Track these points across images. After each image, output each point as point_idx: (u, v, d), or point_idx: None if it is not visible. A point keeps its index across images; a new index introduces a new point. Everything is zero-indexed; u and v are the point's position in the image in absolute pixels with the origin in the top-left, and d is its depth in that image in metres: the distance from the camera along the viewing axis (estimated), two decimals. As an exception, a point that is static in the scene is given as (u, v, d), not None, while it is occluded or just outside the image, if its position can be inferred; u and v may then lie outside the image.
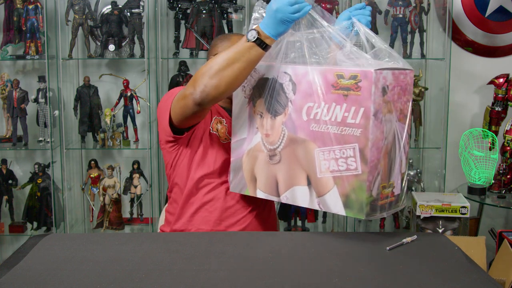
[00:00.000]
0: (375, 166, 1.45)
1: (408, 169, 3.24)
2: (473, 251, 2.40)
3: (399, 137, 1.52)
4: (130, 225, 3.31)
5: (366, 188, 1.44)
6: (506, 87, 3.06)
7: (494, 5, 3.27)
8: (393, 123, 1.49)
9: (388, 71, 1.45)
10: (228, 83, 1.55)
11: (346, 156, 1.47)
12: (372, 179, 1.45)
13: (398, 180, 1.55)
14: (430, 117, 3.33)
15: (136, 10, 3.10)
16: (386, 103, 1.45)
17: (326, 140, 1.51)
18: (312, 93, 1.52)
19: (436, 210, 2.62)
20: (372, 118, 1.42)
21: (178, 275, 1.29)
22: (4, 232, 3.25)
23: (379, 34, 3.20)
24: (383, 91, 1.44)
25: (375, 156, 1.45)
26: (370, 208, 1.46)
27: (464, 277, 1.30)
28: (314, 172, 1.54)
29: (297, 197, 1.59)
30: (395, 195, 1.54)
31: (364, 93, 1.42)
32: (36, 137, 3.24)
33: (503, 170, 3.03)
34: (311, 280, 1.27)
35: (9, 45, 3.17)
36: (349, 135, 1.46)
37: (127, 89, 3.14)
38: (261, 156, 1.66)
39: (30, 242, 1.51)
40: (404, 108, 1.53)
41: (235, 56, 1.54)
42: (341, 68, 1.48)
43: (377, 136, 1.44)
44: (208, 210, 1.81)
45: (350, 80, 1.45)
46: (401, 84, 1.49)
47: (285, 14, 1.48)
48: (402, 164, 1.55)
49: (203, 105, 1.60)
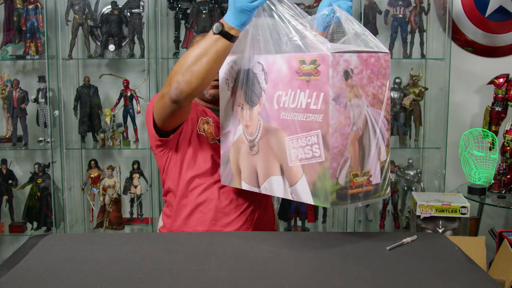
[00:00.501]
0: (339, 153, 1.41)
1: (408, 169, 3.25)
2: (473, 251, 2.40)
3: (373, 123, 1.46)
4: (130, 225, 3.31)
5: (330, 176, 1.40)
6: (506, 87, 3.06)
7: (494, 5, 3.27)
8: (363, 108, 1.43)
9: (352, 54, 1.40)
10: (199, 78, 1.54)
11: (311, 143, 1.44)
12: (336, 166, 1.41)
13: (376, 169, 1.49)
14: (430, 117, 3.33)
15: (136, 10, 3.10)
16: (351, 87, 1.40)
17: (294, 128, 1.48)
18: (281, 81, 1.50)
19: (436, 210, 2.62)
20: (331, 102, 1.38)
21: (178, 275, 1.29)
22: (4, 232, 3.25)
23: (379, 34, 3.20)
24: (346, 75, 1.39)
25: (339, 143, 1.40)
26: (337, 196, 1.42)
27: (464, 277, 1.30)
28: (285, 161, 1.51)
29: (274, 187, 1.57)
30: (372, 184, 1.49)
31: (323, 78, 1.38)
32: (36, 137, 3.24)
33: (503, 170, 3.03)
34: (311, 280, 1.27)
35: (9, 45, 3.18)
36: (312, 122, 1.43)
37: (127, 89, 3.15)
38: (244, 148, 1.64)
39: (30, 242, 1.51)
40: (378, 93, 1.47)
41: (203, 50, 1.53)
42: (303, 53, 1.44)
43: (340, 121, 1.40)
44: (202, 211, 1.81)
45: (310, 65, 1.41)
46: (371, 68, 1.44)
47: (243, 3, 1.46)
48: (381, 152, 1.49)
49: (179, 103, 1.59)
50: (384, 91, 1.48)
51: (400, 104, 3.18)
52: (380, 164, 1.50)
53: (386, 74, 1.48)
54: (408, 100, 3.15)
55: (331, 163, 1.40)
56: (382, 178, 1.51)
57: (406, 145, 3.25)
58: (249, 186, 1.65)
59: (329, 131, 1.39)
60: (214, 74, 1.59)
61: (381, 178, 1.51)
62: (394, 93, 3.18)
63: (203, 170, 1.81)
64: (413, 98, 3.16)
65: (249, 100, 1.60)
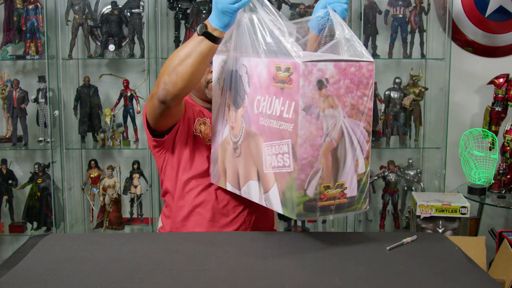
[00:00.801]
0: (308, 164, 1.37)
1: (408, 169, 3.25)
2: (473, 251, 2.40)
3: (350, 134, 1.42)
4: (130, 225, 3.31)
5: (297, 187, 1.37)
6: (506, 87, 3.06)
7: (494, 5, 3.27)
8: (338, 119, 1.39)
9: (328, 63, 1.35)
10: (184, 79, 1.53)
11: (282, 152, 1.41)
12: (305, 177, 1.37)
13: (351, 181, 1.44)
14: (430, 117, 3.33)
15: (136, 10, 3.10)
16: (325, 97, 1.36)
17: (269, 134, 1.45)
18: (260, 86, 1.47)
19: (436, 210, 2.63)
20: (301, 113, 1.34)
21: (178, 275, 1.29)
22: (4, 232, 3.25)
23: (379, 34, 3.20)
24: (319, 84, 1.35)
25: (309, 154, 1.37)
26: (305, 208, 1.39)
27: (464, 277, 1.30)
28: (261, 167, 1.49)
29: (251, 191, 1.56)
30: (347, 197, 1.44)
31: (294, 87, 1.35)
32: (36, 137, 3.24)
33: (503, 170, 3.03)
34: (311, 280, 1.27)
35: (9, 45, 3.17)
36: (284, 130, 1.40)
37: (127, 89, 3.15)
38: (229, 149, 1.63)
39: (30, 242, 1.51)
40: (358, 104, 1.41)
41: (188, 51, 1.52)
42: (280, 60, 1.40)
43: (311, 132, 1.36)
44: (200, 213, 1.81)
45: (285, 72, 1.37)
46: (351, 77, 1.39)
47: (224, 5, 1.44)
48: (358, 164, 1.45)
49: (166, 103, 1.59)
50: (365, 102, 1.43)
51: (400, 104, 3.18)
52: (357, 177, 1.45)
53: (368, 84, 1.43)
54: (408, 100, 3.15)
55: (299, 174, 1.37)
56: (359, 191, 1.46)
57: (406, 145, 3.24)
58: (232, 188, 1.64)
59: (297, 141, 1.36)
60: (200, 75, 1.58)
61: (358, 191, 1.46)
62: (394, 93, 3.18)
63: (200, 172, 1.80)
64: (413, 98, 3.16)
65: (234, 102, 1.58)
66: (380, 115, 3.22)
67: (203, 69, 1.57)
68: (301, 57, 1.34)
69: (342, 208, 1.44)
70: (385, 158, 3.36)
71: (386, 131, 3.23)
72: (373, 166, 3.34)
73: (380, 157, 3.41)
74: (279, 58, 1.40)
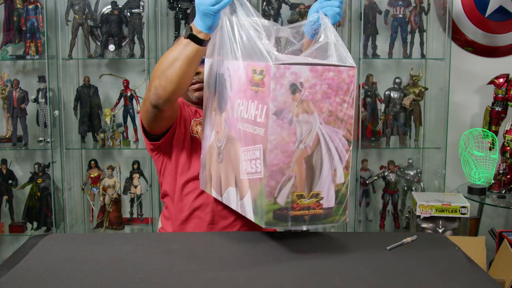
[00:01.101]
0: (279, 171, 1.31)
1: (408, 169, 3.25)
2: (473, 251, 2.40)
3: (327, 142, 1.35)
4: (130, 225, 3.31)
5: (266, 194, 1.31)
6: (506, 87, 3.06)
7: (494, 5, 3.27)
8: (314, 126, 1.33)
9: (302, 66, 1.29)
10: (173, 82, 1.52)
11: (255, 158, 1.35)
12: (275, 184, 1.31)
13: (328, 192, 1.37)
14: (430, 117, 3.33)
15: (136, 10, 3.10)
16: (299, 102, 1.30)
17: (245, 139, 1.39)
18: (239, 89, 1.42)
19: (436, 210, 2.63)
20: (272, 117, 1.29)
21: (178, 275, 1.29)
22: (4, 232, 3.25)
23: (379, 34, 3.20)
24: (293, 88, 1.29)
25: (279, 160, 1.31)
26: (274, 216, 1.33)
27: (464, 277, 1.30)
28: (238, 173, 1.43)
29: (230, 198, 1.51)
30: (323, 207, 1.37)
31: (266, 90, 1.30)
32: (36, 137, 3.24)
33: (503, 170, 3.03)
34: (311, 280, 1.27)
35: (9, 45, 3.17)
36: (257, 135, 1.34)
37: (127, 89, 3.15)
38: (214, 154, 1.58)
39: (30, 242, 1.51)
40: (337, 110, 1.35)
41: (176, 55, 1.51)
42: (256, 62, 1.34)
43: (282, 137, 1.30)
44: (199, 216, 1.80)
45: (259, 75, 1.32)
46: (329, 82, 1.32)
47: (205, 7, 1.42)
48: (336, 173, 1.37)
49: (159, 107, 1.58)
50: (345, 109, 1.36)
51: (400, 104, 3.18)
52: (335, 187, 1.38)
53: (349, 90, 1.36)
54: (408, 100, 3.15)
55: (268, 181, 1.31)
56: (336, 202, 1.39)
57: (406, 145, 3.25)
58: (216, 194, 1.60)
59: (267, 147, 1.30)
60: (189, 77, 1.57)
61: (336, 202, 1.39)
62: (394, 93, 3.18)
63: (198, 173, 1.78)
64: (413, 98, 3.16)
65: (219, 106, 1.53)
66: (380, 115, 3.22)
67: (192, 72, 1.56)
68: (273, 60, 1.29)
69: (317, 219, 1.38)
70: (385, 158, 3.36)
71: (386, 131, 3.23)
72: (373, 166, 3.34)
73: (380, 157, 3.41)
74: (255, 60, 1.35)
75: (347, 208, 1.41)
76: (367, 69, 3.25)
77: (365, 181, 3.26)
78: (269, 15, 3.10)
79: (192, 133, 1.81)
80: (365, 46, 3.13)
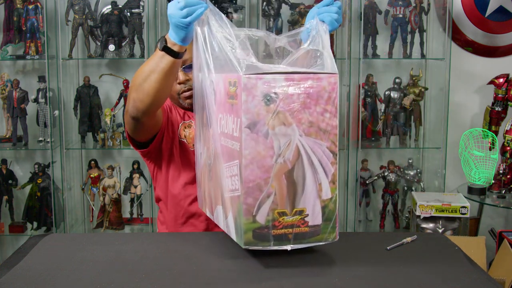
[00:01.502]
0: (256, 187, 1.23)
1: (408, 169, 3.25)
2: (473, 251, 2.41)
3: (309, 155, 1.27)
4: (130, 225, 3.31)
5: (244, 212, 1.24)
6: (506, 87, 3.06)
7: (494, 5, 3.27)
8: (293, 138, 1.25)
9: (276, 75, 1.22)
10: (150, 95, 1.49)
11: (234, 174, 1.28)
12: (253, 202, 1.24)
13: (314, 208, 1.28)
14: (430, 117, 3.33)
15: (136, 10, 3.10)
16: (275, 113, 1.22)
17: (226, 155, 1.32)
18: (220, 103, 1.35)
19: (436, 210, 2.63)
20: (245, 130, 1.21)
21: (178, 275, 1.29)
22: (4, 232, 3.25)
23: (379, 34, 3.20)
24: (267, 99, 1.22)
25: (256, 176, 1.23)
26: (254, 236, 1.25)
27: (464, 277, 1.30)
28: (222, 191, 1.36)
29: (219, 217, 1.43)
30: (309, 225, 1.29)
31: (239, 102, 1.22)
32: (36, 137, 3.24)
33: (503, 170, 3.03)
34: (311, 280, 1.27)
35: (9, 45, 3.18)
36: (235, 150, 1.26)
37: (127, 89, 3.14)
38: (206, 171, 1.50)
39: (30, 242, 1.51)
40: (318, 121, 1.26)
41: (151, 67, 1.48)
42: (230, 74, 1.27)
43: (258, 152, 1.23)
44: (193, 224, 1.79)
45: (234, 87, 1.25)
46: (307, 91, 1.24)
47: (176, 19, 1.39)
48: (322, 188, 1.28)
49: (137, 119, 1.57)
50: (327, 119, 1.26)
51: (400, 104, 3.18)
52: (321, 203, 1.29)
53: (331, 98, 1.26)
54: (408, 100, 3.15)
55: (245, 198, 1.24)
56: (324, 219, 1.30)
57: (406, 145, 3.25)
58: (209, 214, 1.53)
59: (242, 162, 1.23)
60: (167, 89, 1.55)
61: (323, 219, 1.30)
62: (394, 93, 3.18)
63: (189, 180, 1.76)
64: (413, 98, 3.16)
65: (208, 121, 1.45)
66: (380, 115, 3.22)
67: (170, 84, 1.54)
68: (243, 70, 1.22)
69: (303, 238, 1.29)
70: (385, 158, 3.36)
71: (386, 131, 3.23)
72: (373, 166, 3.34)
73: (380, 157, 3.41)
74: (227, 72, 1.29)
75: (336, 225, 1.32)
76: (367, 69, 3.25)
77: (365, 181, 3.26)
78: (269, 15, 3.10)
79: (180, 138, 1.78)
80: (365, 46, 3.13)
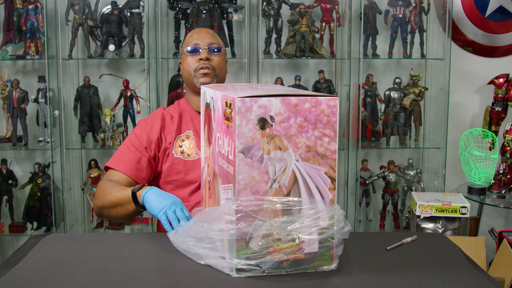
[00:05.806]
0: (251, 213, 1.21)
1: (408, 169, 3.25)
2: (473, 251, 2.41)
3: (306, 180, 1.24)
4: (130, 225, 3.31)
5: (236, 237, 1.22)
6: (506, 87, 3.06)
7: (494, 5, 3.27)
8: (290, 163, 1.22)
9: (273, 99, 1.19)
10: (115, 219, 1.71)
11: (229, 198, 1.25)
12: (246, 228, 1.21)
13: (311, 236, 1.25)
14: (430, 117, 3.33)
15: (136, 10, 3.10)
16: (271, 137, 1.20)
17: (222, 176, 1.30)
18: (217, 122, 1.32)
19: (436, 210, 2.62)
20: (239, 155, 1.19)
21: (178, 275, 1.29)
22: (4, 232, 3.25)
23: (379, 34, 3.20)
24: (262, 123, 1.19)
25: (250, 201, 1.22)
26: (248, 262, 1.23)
27: (464, 277, 1.30)
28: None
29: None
30: (305, 252, 1.25)
31: (233, 125, 1.19)
32: (36, 137, 3.24)
33: (503, 170, 3.03)
34: (310, 280, 1.27)
35: (9, 45, 3.18)
36: (230, 174, 1.24)
37: (127, 89, 3.15)
38: (207, 187, 1.49)
39: (30, 242, 1.51)
40: (316, 145, 1.23)
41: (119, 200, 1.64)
42: (228, 95, 1.24)
43: (253, 177, 1.20)
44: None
45: (229, 109, 1.22)
46: (305, 115, 1.21)
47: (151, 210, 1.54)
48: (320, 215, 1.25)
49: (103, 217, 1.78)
50: (325, 143, 1.23)
51: (400, 104, 3.18)
52: (317, 230, 1.25)
53: (330, 122, 1.23)
54: (408, 100, 3.15)
55: (238, 224, 1.21)
56: (320, 246, 1.26)
57: (406, 145, 3.25)
58: None
59: (236, 187, 1.20)
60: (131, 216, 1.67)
61: (320, 246, 1.26)
62: (394, 93, 3.18)
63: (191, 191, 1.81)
64: (413, 98, 3.16)
65: (209, 137, 1.44)
66: (380, 115, 3.22)
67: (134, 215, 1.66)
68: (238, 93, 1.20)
69: (299, 265, 1.26)
70: (385, 158, 3.36)
71: (386, 131, 3.23)
72: (373, 166, 3.34)
73: (380, 157, 3.41)
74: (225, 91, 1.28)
75: (333, 253, 1.28)
76: (367, 69, 3.25)
77: (365, 181, 3.26)
78: (269, 15, 3.10)
79: (176, 154, 1.81)
80: (365, 46, 3.13)
